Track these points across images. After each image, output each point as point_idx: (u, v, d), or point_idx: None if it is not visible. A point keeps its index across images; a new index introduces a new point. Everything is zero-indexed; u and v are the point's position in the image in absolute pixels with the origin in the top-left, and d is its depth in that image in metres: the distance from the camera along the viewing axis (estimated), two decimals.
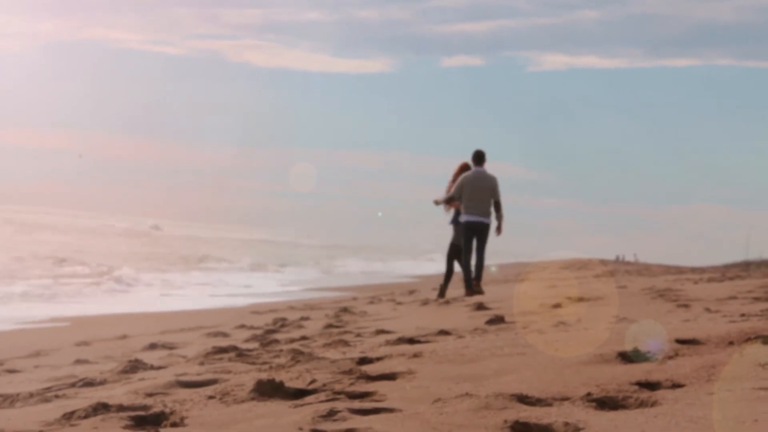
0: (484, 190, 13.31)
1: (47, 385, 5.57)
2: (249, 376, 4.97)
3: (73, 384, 5.52)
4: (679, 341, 5.15)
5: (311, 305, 14.39)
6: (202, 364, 6.10)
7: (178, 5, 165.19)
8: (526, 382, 4.34)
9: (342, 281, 29.35)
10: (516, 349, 5.40)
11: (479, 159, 13.47)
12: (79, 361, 7.33)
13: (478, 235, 13.39)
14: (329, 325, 9.38)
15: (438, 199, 13.75)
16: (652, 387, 4.15)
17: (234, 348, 6.91)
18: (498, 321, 8.04)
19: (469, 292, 13.28)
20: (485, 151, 13.51)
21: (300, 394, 4.38)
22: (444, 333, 7.04)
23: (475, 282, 13.37)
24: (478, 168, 13.42)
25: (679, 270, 31.47)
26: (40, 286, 18.79)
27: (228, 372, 5.36)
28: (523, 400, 3.86)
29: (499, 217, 13.41)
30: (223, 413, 4.03)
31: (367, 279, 31.49)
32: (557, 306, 10.00)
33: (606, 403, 3.82)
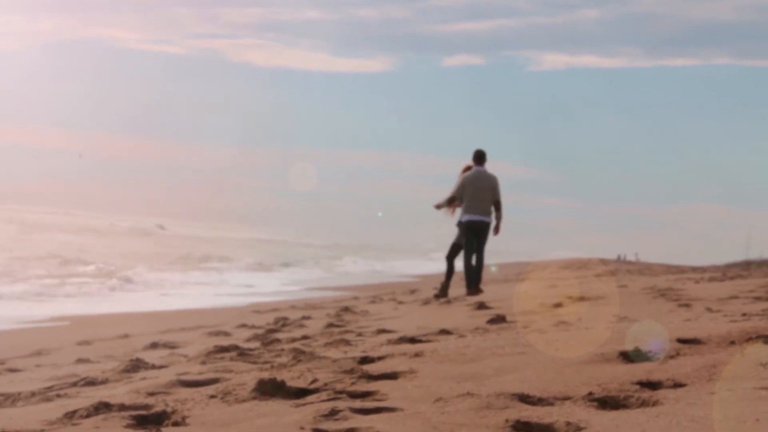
0: (484, 189, 13.38)
1: (49, 385, 5.57)
2: (250, 375, 4.98)
3: (75, 383, 5.52)
4: (681, 341, 5.15)
5: (312, 304, 14.39)
6: (203, 363, 6.11)
7: (177, 5, 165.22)
8: (527, 381, 4.34)
9: (343, 281, 29.34)
10: (517, 349, 5.40)
11: (480, 159, 13.52)
12: (81, 361, 7.33)
13: (478, 234, 13.44)
14: (330, 325, 9.38)
15: (439, 203, 13.77)
16: (653, 386, 4.15)
17: (235, 347, 6.91)
18: (499, 320, 8.05)
19: (470, 291, 13.35)
20: (486, 151, 13.55)
21: (301, 393, 4.38)
22: (445, 332, 7.05)
23: (475, 282, 13.46)
24: (478, 168, 13.48)
25: (680, 269, 31.45)
26: (41, 285, 18.79)
27: (229, 371, 5.37)
28: (525, 399, 3.86)
29: (498, 217, 13.45)
30: (225, 412, 4.04)
31: (368, 278, 31.47)
32: (558, 305, 10.00)
33: (607, 403, 3.83)
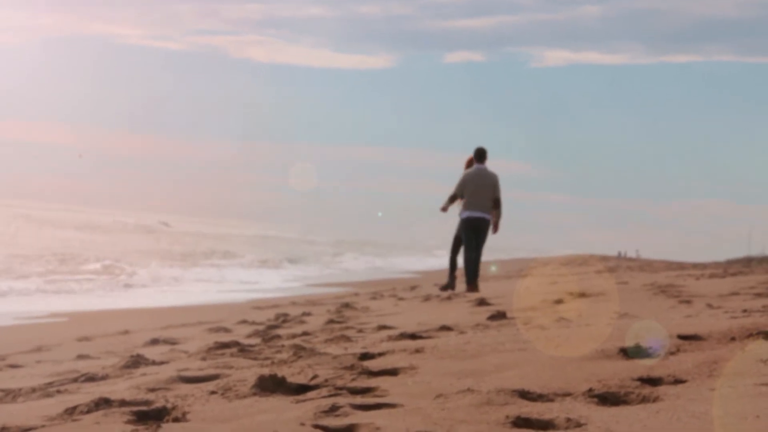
0: (485, 187, 13.52)
1: (49, 380, 5.58)
2: (251, 371, 4.98)
3: (75, 379, 5.52)
4: (681, 337, 5.15)
5: (313, 301, 14.39)
6: (203, 359, 6.11)
7: (178, 1, 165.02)
8: (527, 377, 4.34)
9: (343, 277, 29.34)
10: (517, 345, 5.40)
11: (480, 156, 13.65)
12: (81, 357, 7.33)
13: (477, 231, 13.58)
14: (331, 321, 9.38)
15: (444, 205, 13.95)
16: (653, 383, 4.15)
17: (236, 343, 6.91)
18: (499, 317, 8.04)
19: (470, 288, 13.51)
20: (486, 149, 13.67)
21: (302, 389, 4.38)
22: (446, 329, 7.04)
23: (472, 278, 13.67)
24: (479, 165, 13.62)
25: (681, 266, 31.43)
26: (43, 281, 18.81)
27: (230, 367, 5.37)
28: (525, 395, 3.86)
29: (497, 215, 13.57)
30: (225, 408, 4.04)
31: (369, 275, 31.48)
32: (558, 302, 10.00)
33: (608, 399, 3.83)
